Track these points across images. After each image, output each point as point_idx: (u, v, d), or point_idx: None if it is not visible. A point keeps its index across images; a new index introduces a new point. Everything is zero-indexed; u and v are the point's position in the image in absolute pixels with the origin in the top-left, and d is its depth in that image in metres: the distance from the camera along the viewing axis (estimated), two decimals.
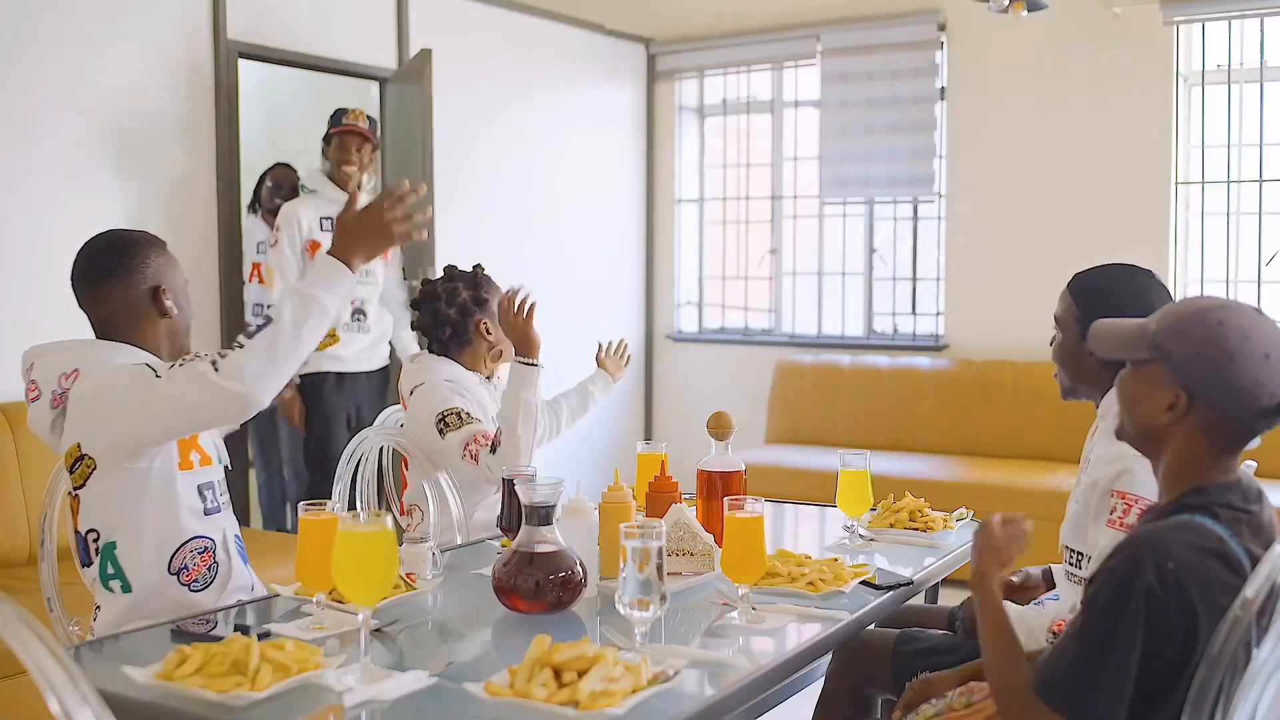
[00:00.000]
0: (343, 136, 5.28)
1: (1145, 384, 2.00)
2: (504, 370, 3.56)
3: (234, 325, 5.42)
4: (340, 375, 5.36)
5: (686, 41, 7.84)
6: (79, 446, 2.53)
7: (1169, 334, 1.96)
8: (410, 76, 5.97)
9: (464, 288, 3.48)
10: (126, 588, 2.57)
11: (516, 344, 3.18)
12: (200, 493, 2.65)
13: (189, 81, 5.27)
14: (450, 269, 3.56)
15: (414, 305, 3.52)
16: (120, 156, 4.99)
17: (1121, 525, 2.41)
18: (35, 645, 1.41)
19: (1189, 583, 1.79)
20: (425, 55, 5.80)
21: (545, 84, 7.23)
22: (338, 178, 5.26)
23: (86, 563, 2.61)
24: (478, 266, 3.57)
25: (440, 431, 3.24)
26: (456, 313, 3.45)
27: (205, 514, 2.65)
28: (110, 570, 2.56)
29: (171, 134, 5.21)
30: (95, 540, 2.58)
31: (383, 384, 5.60)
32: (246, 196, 5.80)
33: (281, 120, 8.72)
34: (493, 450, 3.12)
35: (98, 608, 2.62)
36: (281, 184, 6.04)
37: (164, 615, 2.50)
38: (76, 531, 2.60)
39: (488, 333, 3.47)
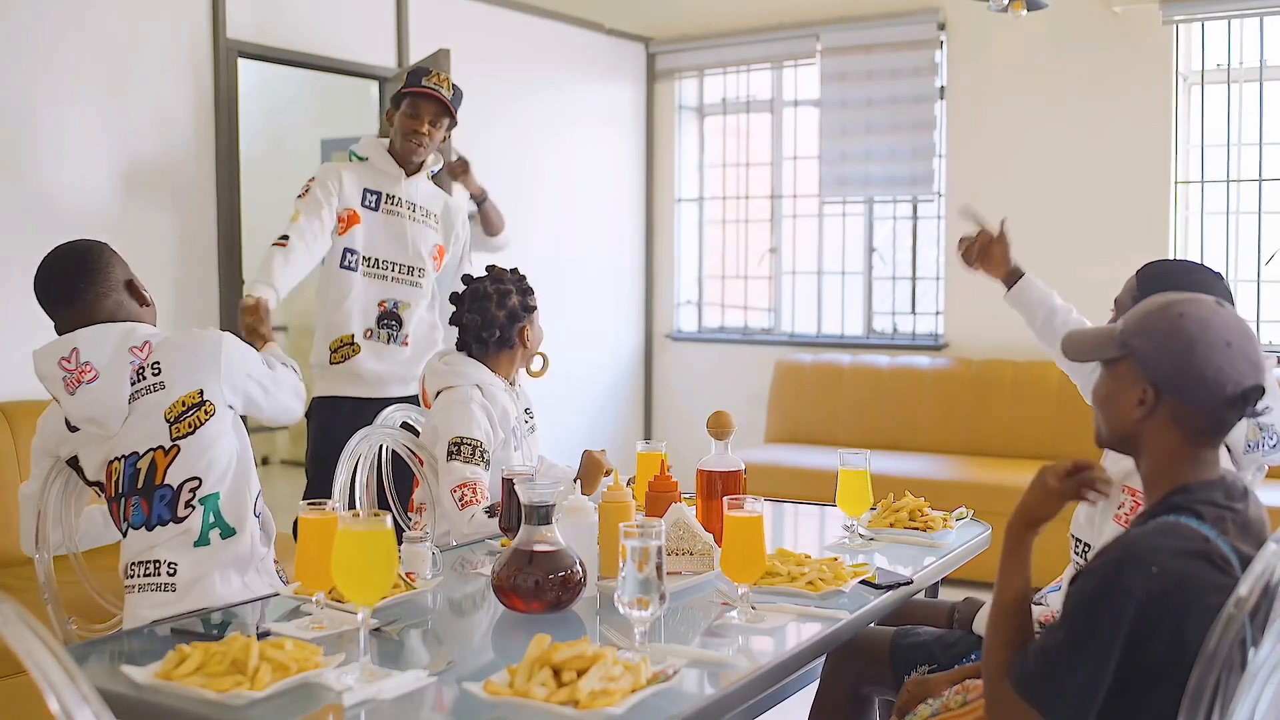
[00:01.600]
0: (417, 100, 4.22)
1: (1116, 382, 2.02)
2: (523, 375, 3.54)
3: (232, 325, 5.41)
4: (361, 402, 4.18)
5: (686, 41, 7.84)
6: (200, 393, 2.68)
7: (1134, 330, 1.99)
8: None
9: (515, 292, 3.40)
10: (228, 532, 2.69)
11: None
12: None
13: (189, 80, 5.27)
14: (495, 269, 3.47)
15: (454, 301, 3.44)
16: (119, 156, 4.99)
17: (1126, 522, 2.41)
18: (35, 644, 1.41)
19: (1173, 586, 1.79)
20: (444, 55, 5.79)
21: (545, 83, 7.23)
22: (401, 150, 4.26)
23: (171, 518, 2.66)
24: (515, 269, 3.49)
25: (449, 454, 3.19)
26: (506, 316, 3.37)
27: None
28: (212, 519, 2.67)
29: (171, 133, 5.20)
30: (195, 489, 2.66)
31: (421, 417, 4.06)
32: (246, 196, 5.63)
33: (281, 120, 8.73)
34: (490, 514, 3.06)
35: (172, 564, 2.65)
36: None
37: (244, 566, 2.71)
38: (164, 485, 2.65)
39: (528, 338, 3.42)
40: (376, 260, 4.21)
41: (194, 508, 2.65)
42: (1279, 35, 6.24)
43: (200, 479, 2.67)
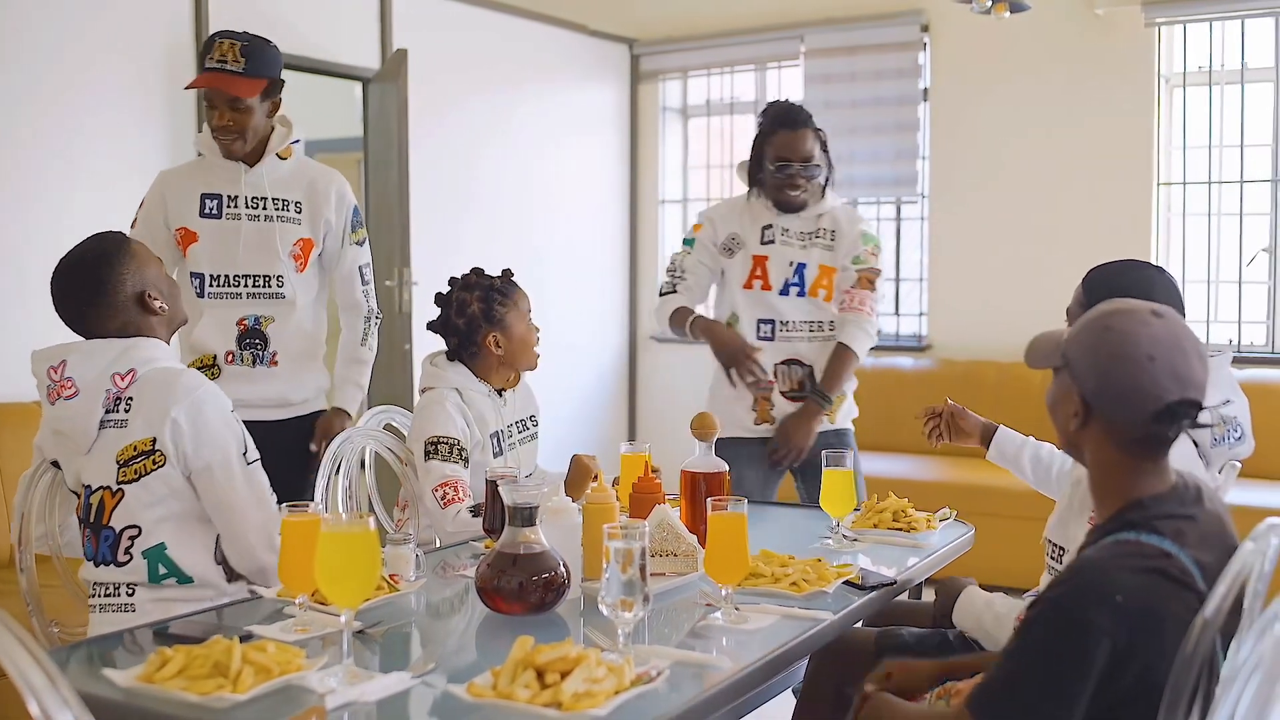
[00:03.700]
0: (208, 92, 3.56)
1: (1059, 392, 2.01)
2: (532, 381, 3.47)
3: None
4: None
5: (670, 42, 7.84)
6: (152, 441, 2.58)
7: (1071, 340, 1.97)
8: (388, 76, 5.96)
9: (476, 299, 3.31)
10: (185, 580, 2.63)
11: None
12: None
13: (171, 81, 5.25)
14: (470, 275, 3.38)
15: (436, 303, 3.39)
16: (102, 156, 4.98)
17: None
18: (15, 648, 1.41)
19: (1141, 611, 1.77)
20: (400, 56, 5.81)
21: (529, 84, 7.22)
22: (222, 149, 3.59)
23: (113, 560, 2.61)
24: (506, 271, 3.41)
25: (426, 454, 3.17)
26: (465, 324, 3.31)
27: None
28: (162, 570, 2.61)
29: (153, 134, 5.19)
30: (134, 538, 2.60)
31: (300, 439, 3.68)
32: None
33: None
34: (474, 513, 3.03)
35: (131, 585, 2.62)
36: None
37: (206, 600, 2.62)
38: (109, 527, 2.60)
39: (497, 346, 3.31)
40: (226, 278, 3.56)
41: (131, 556, 2.60)
42: (1260, 38, 6.27)
43: (140, 528, 2.60)
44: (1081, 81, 6.52)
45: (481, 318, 3.30)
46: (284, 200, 3.63)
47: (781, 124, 4.17)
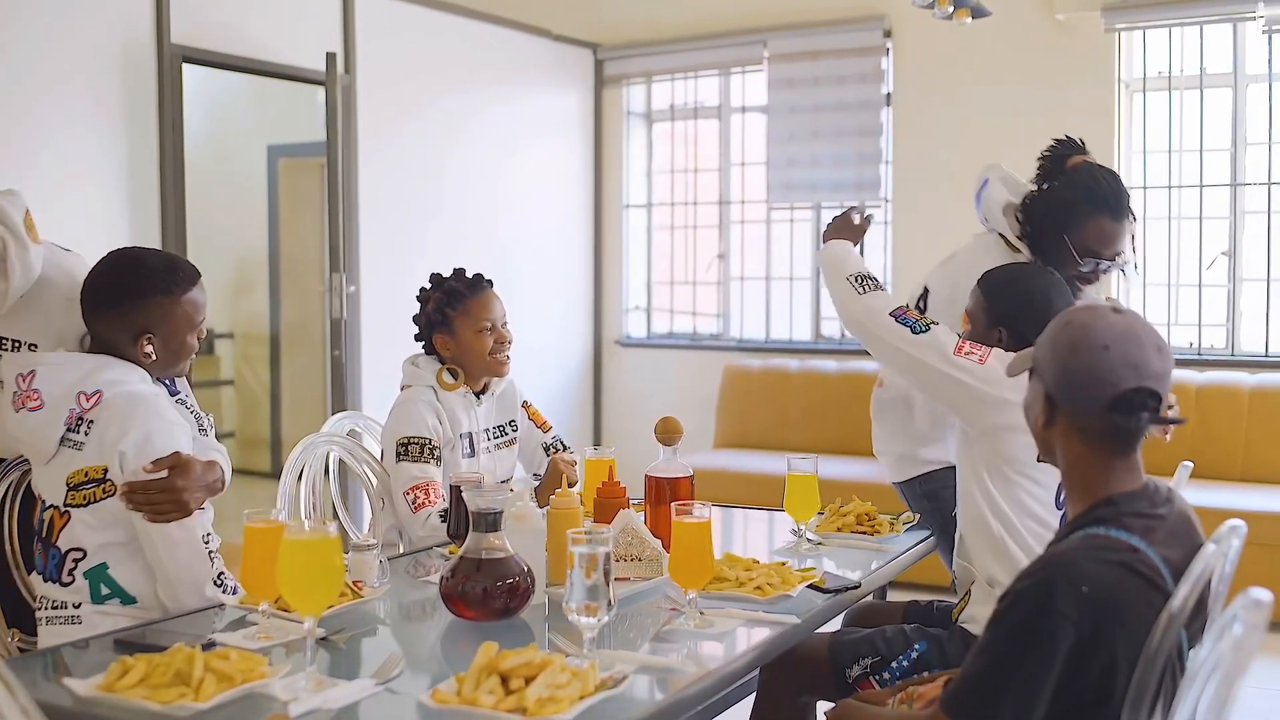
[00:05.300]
0: None
1: (1031, 394, 2.06)
2: (498, 386, 3.41)
3: None
4: None
5: (634, 47, 7.85)
6: (104, 471, 2.52)
7: (1038, 344, 2.03)
8: (335, 79, 5.95)
9: (434, 299, 3.31)
10: (129, 601, 2.56)
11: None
12: None
13: (131, 85, 5.21)
14: (442, 275, 3.35)
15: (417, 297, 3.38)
16: (62, 161, 4.94)
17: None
18: None
19: (1105, 603, 1.79)
20: (331, 59, 5.79)
21: (493, 89, 7.21)
22: None
23: (55, 579, 2.56)
24: (476, 276, 3.36)
25: (397, 455, 3.16)
26: (425, 322, 3.33)
27: None
28: (105, 590, 2.55)
29: (114, 138, 5.15)
30: (78, 560, 2.55)
31: None
32: (191, 203, 5.57)
33: (227, 125, 8.67)
34: (444, 518, 2.99)
35: (77, 605, 2.56)
36: None
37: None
38: (55, 546, 2.56)
39: (445, 349, 3.30)
40: None
41: (74, 578, 2.55)
42: (1218, 44, 6.33)
43: (85, 551, 2.54)
44: (1042, 86, 6.56)
45: (435, 317, 3.31)
46: None
47: (1107, 209, 3.28)
